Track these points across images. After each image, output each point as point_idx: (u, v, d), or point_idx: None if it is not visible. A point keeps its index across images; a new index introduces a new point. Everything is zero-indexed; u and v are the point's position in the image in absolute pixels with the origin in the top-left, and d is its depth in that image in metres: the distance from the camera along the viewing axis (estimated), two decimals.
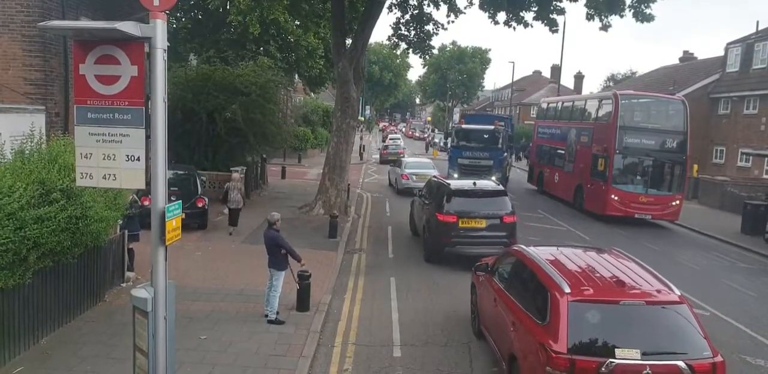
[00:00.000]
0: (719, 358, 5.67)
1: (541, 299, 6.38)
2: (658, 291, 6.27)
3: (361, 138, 45.47)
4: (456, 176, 20.78)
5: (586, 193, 21.08)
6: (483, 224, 12.78)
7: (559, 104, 27.21)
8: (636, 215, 19.30)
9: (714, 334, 9.57)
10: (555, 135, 26.09)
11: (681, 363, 5.54)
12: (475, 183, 13.94)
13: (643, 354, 5.59)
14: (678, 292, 6.26)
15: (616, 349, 5.60)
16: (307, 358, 7.87)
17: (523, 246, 8.25)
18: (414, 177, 23.57)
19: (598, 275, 6.73)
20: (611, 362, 5.49)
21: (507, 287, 7.57)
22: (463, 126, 26.70)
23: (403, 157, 31.42)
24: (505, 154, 26.74)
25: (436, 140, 56.48)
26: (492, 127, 26.16)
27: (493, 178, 22.40)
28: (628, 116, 19.89)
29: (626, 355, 5.56)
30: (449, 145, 27.90)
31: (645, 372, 5.46)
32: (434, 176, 17.04)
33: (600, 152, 20.22)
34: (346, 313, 10.01)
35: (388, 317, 9.84)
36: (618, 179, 19.44)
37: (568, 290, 6.08)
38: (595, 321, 5.85)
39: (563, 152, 24.32)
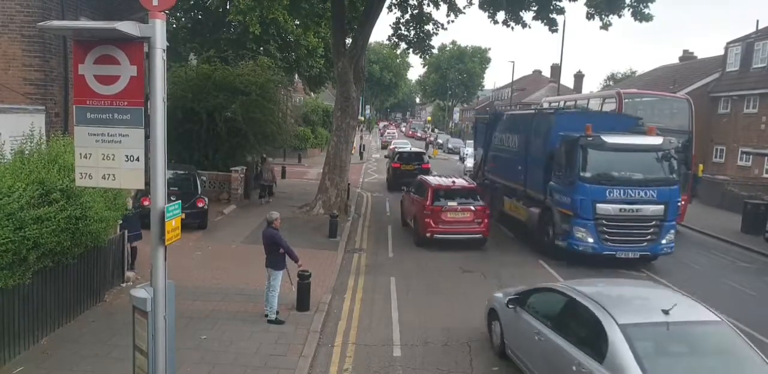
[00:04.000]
0: (486, 205, 15.15)
1: (423, 191, 15.45)
2: (470, 184, 16.15)
3: (362, 138, 45.50)
4: (592, 241, 13.26)
5: None
6: (413, 167, 26.25)
7: (562, 103, 26.72)
8: None
9: None
10: None
11: (471, 206, 14.67)
12: (410, 148, 31.99)
13: (458, 203, 14.73)
14: (474, 184, 16.29)
15: (447, 202, 14.70)
16: (307, 358, 7.88)
17: (422, 175, 18.36)
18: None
19: (449, 182, 15.98)
20: (445, 206, 14.54)
21: (414, 192, 16.36)
22: (607, 140, 13.47)
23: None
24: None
25: (440, 141, 57.88)
26: (658, 140, 13.91)
27: (664, 241, 13.62)
28: (632, 114, 19.75)
29: (451, 203, 14.64)
30: (566, 175, 13.97)
31: (458, 209, 14.54)
32: (395, 147, 33.76)
33: None
34: (346, 313, 10.02)
35: (388, 316, 9.86)
36: None
37: (434, 185, 15.29)
38: (442, 194, 14.94)
39: None
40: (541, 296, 7.49)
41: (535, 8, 18.68)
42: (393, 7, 21.52)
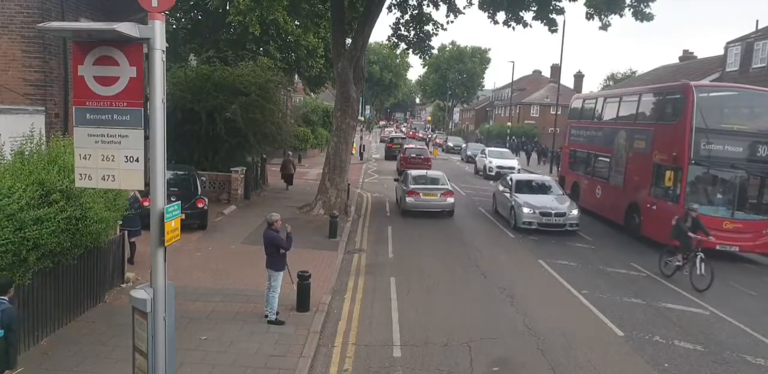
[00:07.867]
0: (429, 158, 35.43)
1: (402, 151, 36.50)
2: (422, 147, 39.51)
3: (362, 138, 45.62)
4: None
5: (644, 214, 16.45)
6: (400, 146, 41.44)
7: (600, 101, 22.08)
8: (718, 247, 13.90)
9: (714, 333, 9.58)
10: (595, 138, 21.14)
11: (422, 156, 34.44)
12: (398, 136, 55.32)
13: (416, 155, 34.50)
14: (424, 146, 42.90)
15: (411, 154, 34.50)
16: (307, 358, 7.88)
17: (405, 146, 39.33)
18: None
19: (413, 147, 37.82)
20: (410, 156, 34.11)
21: (401, 154, 36.34)
22: None
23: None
24: None
25: (451, 144, 57.25)
26: None
27: None
28: (706, 114, 14.76)
29: (413, 155, 34.39)
30: None
31: (415, 157, 33.90)
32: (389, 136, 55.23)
33: (666, 162, 15.44)
34: (346, 313, 10.01)
35: (388, 317, 9.84)
36: (693, 198, 14.53)
37: (404, 148, 37.72)
38: (412, 153, 34.64)
39: (608, 160, 19.54)
40: (402, 176, 21.43)
41: (534, 8, 18.70)
42: (393, 8, 21.55)
